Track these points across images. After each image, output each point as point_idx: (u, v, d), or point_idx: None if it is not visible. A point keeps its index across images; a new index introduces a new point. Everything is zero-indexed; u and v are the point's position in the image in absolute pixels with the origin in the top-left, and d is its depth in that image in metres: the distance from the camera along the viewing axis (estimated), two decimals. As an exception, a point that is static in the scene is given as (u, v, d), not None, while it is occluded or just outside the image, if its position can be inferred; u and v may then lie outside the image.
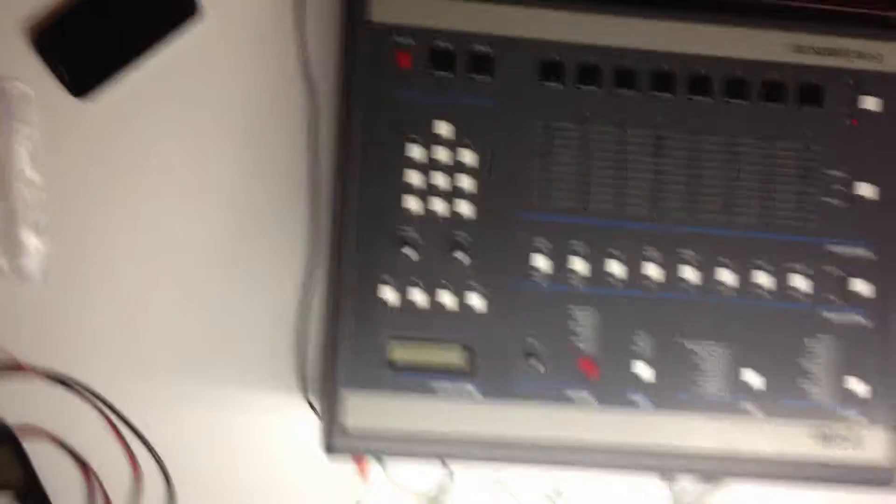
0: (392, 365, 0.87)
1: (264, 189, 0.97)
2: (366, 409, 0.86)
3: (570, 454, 0.88)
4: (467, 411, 0.87)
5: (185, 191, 0.96)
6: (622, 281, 0.89)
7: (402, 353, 0.87)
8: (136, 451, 0.95)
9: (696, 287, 0.89)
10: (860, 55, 0.91)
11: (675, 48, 0.90)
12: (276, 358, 0.97)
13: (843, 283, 0.90)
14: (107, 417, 0.95)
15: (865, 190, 0.91)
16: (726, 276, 0.90)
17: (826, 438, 0.90)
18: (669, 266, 0.89)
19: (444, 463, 0.95)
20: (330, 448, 0.86)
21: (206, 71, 0.97)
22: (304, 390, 0.96)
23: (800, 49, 0.91)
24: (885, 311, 0.91)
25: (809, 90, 0.91)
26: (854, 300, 0.90)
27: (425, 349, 0.88)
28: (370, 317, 0.87)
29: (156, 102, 0.96)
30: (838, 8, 0.93)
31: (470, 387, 0.87)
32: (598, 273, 0.89)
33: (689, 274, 0.89)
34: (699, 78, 0.90)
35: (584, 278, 0.89)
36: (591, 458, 0.88)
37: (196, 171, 0.96)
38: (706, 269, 0.90)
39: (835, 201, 0.91)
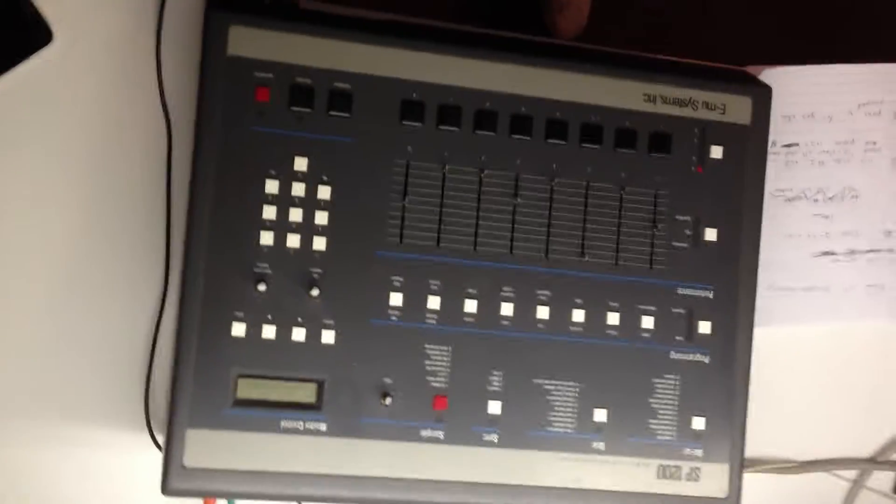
0: (239, 402, 0.85)
1: (117, 219, 0.94)
2: (209, 448, 0.85)
3: (420, 491, 0.88)
4: (316, 449, 0.86)
5: (33, 217, 0.93)
6: (477, 319, 0.90)
7: (250, 389, 0.86)
8: (-34, 489, 0.92)
9: (549, 326, 0.91)
10: (705, 106, 0.94)
11: (535, 93, 0.91)
12: (123, 394, 0.94)
13: (688, 323, 0.93)
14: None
15: (709, 234, 0.94)
16: (579, 317, 0.91)
17: (668, 474, 0.92)
18: (523, 305, 0.90)
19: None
20: (167, 489, 0.85)
21: (58, 97, 0.94)
22: (150, 428, 0.94)
23: (651, 98, 0.93)
24: (722, 349, 0.94)
25: (659, 138, 0.93)
26: (697, 340, 0.93)
27: (274, 386, 0.86)
28: (218, 353, 0.85)
29: (2, 126, 0.93)
30: (686, 60, 0.96)
31: (319, 424, 0.87)
32: (454, 311, 0.89)
33: (543, 313, 0.91)
34: (556, 122, 0.91)
35: (440, 316, 0.89)
36: (441, 495, 0.88)
37: (45, 198, 0.93)
38: (559, 309, 0.91)
39: (682, 245, 0.94)
